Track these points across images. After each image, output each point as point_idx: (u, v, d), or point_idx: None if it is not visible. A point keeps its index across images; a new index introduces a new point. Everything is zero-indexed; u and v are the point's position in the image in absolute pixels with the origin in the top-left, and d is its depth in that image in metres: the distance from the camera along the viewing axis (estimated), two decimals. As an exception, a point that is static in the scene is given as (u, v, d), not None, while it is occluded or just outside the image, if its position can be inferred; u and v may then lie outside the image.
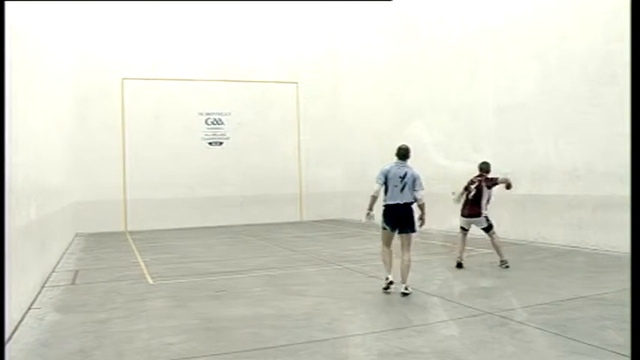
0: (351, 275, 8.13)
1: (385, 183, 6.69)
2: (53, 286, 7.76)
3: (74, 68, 16.10)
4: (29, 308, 6.23)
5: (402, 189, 6.62)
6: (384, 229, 6.75)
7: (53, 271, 9.08)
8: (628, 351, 3.05)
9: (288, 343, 4.64)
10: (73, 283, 8.16)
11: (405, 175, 6.64)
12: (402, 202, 6.61)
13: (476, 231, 8.56)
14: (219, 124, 18.44)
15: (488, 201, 8.39)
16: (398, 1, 15.66)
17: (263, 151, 18.68)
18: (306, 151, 19.25)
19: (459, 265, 8.28)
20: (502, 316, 5.29)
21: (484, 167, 8.60)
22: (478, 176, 8.49)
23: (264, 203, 18.39)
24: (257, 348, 4.55)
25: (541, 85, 11.00)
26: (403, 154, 6.81)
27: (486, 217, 8.37)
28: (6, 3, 4.25)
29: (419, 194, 6.67)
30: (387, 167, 6.73)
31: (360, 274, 8.13)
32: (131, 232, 16.08)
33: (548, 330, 4.77)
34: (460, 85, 13.38)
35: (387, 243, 6.81)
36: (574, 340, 4.45)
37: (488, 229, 8.37)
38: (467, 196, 8.46)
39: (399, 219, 6.63)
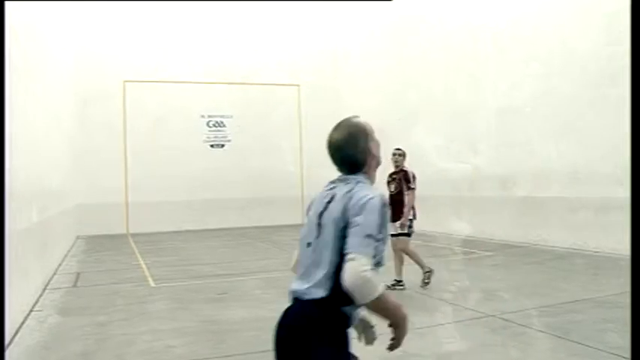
0: (353, 277, 8.09)
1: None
2: (55, 289, 7.77)
3: (76, 70, 16.10)
4: (31, 311, 6.24)
5: (316, 246, 2.04)
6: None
7: (55, 274, 9.07)
8: (629, 354, 3.04)
9: (290, 346, 4.63)
10: (74, 286, 8.17)
11: (331, 200, 2.05)
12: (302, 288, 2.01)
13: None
14: (220, 127, 18.45)
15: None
16: (399, 3, 15.67)
17: (265, 153, 18.66)
18: (307, 153, 19.17)
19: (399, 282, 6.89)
20: (504, 319, 5.28)
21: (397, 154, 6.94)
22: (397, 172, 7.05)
23: (265, 205, 18.35)
24: (259, 350, 4.54)
25: (542, 87, 10.99)
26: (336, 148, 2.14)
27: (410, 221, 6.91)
28: (6, 3, 4.26)
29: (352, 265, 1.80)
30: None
31: (361, 277, 8.09)
32: (133, 235, 16.06)
33: (550, 332, 4.76)
34: (461, 87, 13.37)
35: None
36: (576, 342, 4.44)
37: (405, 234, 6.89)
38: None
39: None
